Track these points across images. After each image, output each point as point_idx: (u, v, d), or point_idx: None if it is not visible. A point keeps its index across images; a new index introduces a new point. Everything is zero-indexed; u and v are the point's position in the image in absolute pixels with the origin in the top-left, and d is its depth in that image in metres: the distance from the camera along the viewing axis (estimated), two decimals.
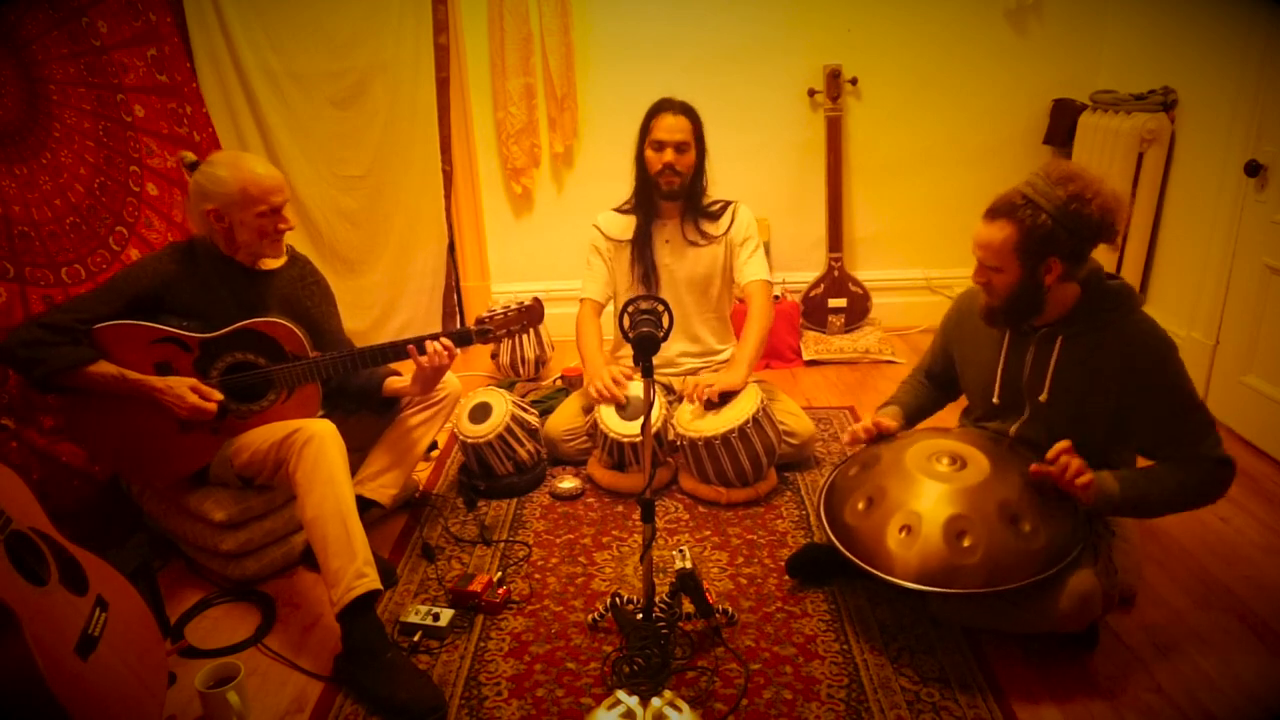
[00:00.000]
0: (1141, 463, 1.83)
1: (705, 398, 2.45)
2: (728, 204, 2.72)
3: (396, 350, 2.10)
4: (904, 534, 1.75)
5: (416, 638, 1.91)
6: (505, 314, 2.20)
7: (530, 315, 2.23)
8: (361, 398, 2.28)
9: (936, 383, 2.20)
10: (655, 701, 1.59)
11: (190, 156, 2.07)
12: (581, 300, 2.74)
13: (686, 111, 2.57)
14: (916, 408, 2.18)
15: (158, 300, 2.02)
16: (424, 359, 2.11)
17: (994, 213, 1.72)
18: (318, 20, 3.25)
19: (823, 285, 3.79)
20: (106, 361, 1.94)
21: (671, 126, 2.54)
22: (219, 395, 1.99)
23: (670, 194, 2.62)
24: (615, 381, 2.52)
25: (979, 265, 1.78)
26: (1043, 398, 1.83)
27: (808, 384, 3.41)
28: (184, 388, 1.95)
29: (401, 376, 2.26)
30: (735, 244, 2.69)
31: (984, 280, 1.79)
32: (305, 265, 2.27)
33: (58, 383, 1.93)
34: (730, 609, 1.96)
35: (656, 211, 2.69)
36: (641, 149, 2.62)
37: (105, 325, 1.95)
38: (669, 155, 2.55)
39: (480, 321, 2.20)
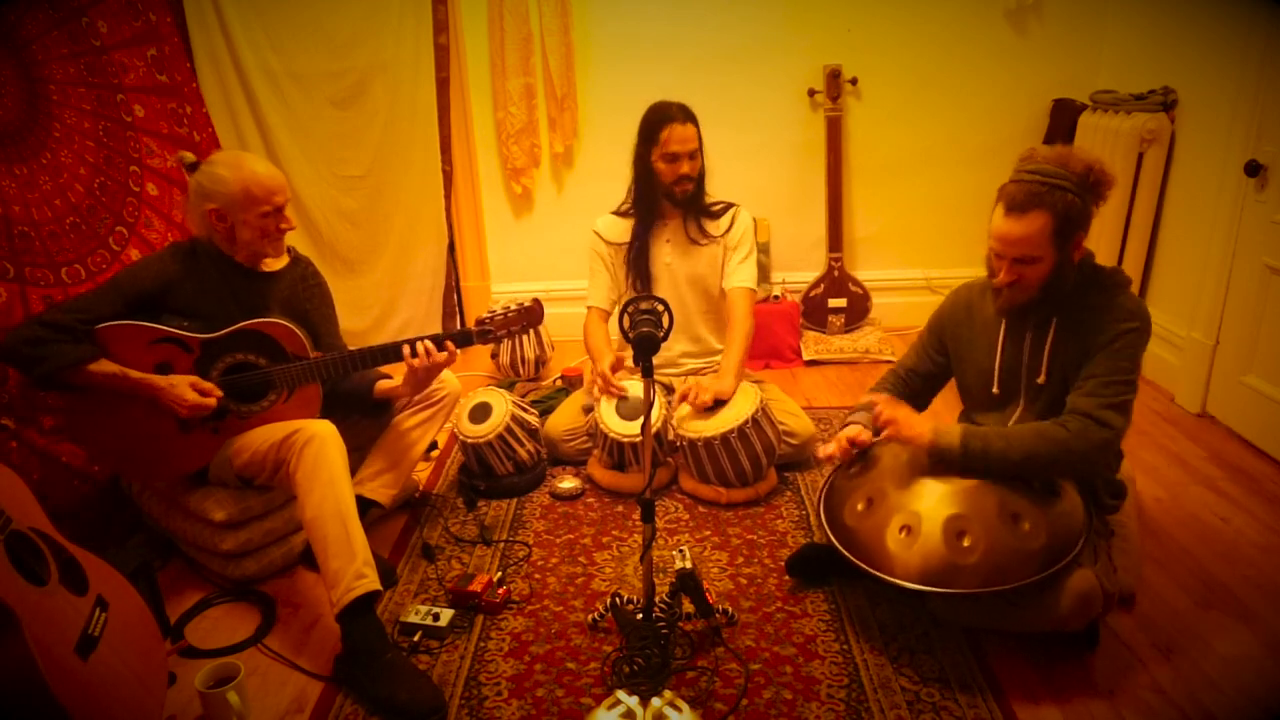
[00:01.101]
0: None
1: (699, 404, 2.46)
2: (729, 205, 2.72)
3: (396, 351, 2.10)
4: (904, 534, 1.75)
5: (416, 638, 1.91)
6: (505, 315, 2.21)
7: (530, 316, 2.23)
8: (353, 401, 2.27)
9: (914, 385, 2.15)
10: (655, 701, 1.59)
11: (190, 157, 2.07)
12: (588, 308, 2.74)
13: (691, 117, 2.56)
14: None
15: (159, 300, 2.02)
16: (414, 359, 2.11)
17: (1022, 206, 1.69)
18: (318, 20, 3.25)
19: (823, 285, 3.79)
20: (108, 360, 1.94)
21: (683, 137, 2.53)
22: (219, 392, 1.99)
23: (685, 200, 2.62)
24: (611, 379, 2.52)
25: (1008, 264, 1.75)
26: (1040, 379, 1.83)
27: (808, 384, 3.41)
28: (185, 385, 1.95)
29: (392, 379, 2.25)
30: (730, 247, 2.68)
31: (1014, 277, 1.75)
32: (307, 267, 2.27)
33: (59, 380, 1.93)
34: (730, 609, 1.96)
35: (659, 214, 2.68)
36: (645, 155, 2.59)
37: (106, 325, 1.95)
38: (685, 167, 2.55)
39: (481, 322, 2.20)
